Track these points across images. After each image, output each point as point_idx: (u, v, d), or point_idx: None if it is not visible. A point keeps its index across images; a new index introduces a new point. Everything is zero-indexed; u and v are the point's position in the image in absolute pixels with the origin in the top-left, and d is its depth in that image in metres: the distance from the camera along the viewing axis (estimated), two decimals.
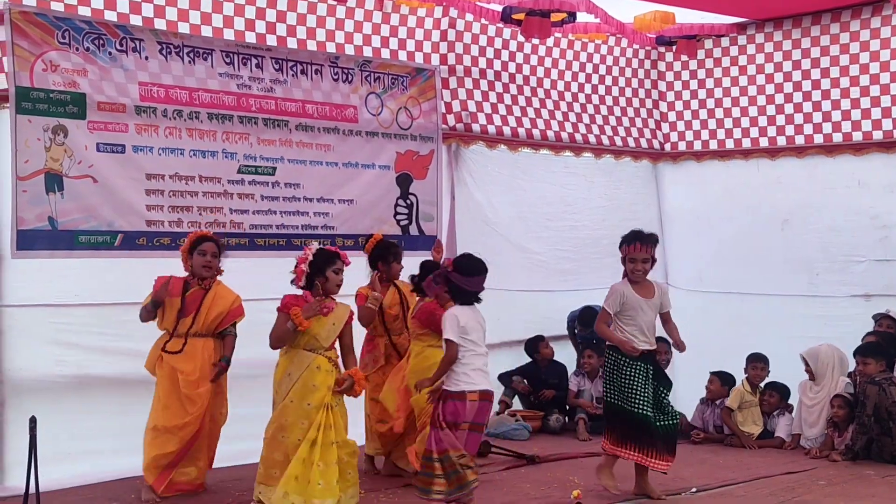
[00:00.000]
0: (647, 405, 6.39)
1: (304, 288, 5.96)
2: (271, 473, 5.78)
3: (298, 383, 5.81)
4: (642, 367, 6.45)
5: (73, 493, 6.54)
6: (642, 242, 6.54)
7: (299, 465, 5.65)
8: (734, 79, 10.07)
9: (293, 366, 5.86)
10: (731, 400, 8.70)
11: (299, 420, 5.76)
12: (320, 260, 5.94)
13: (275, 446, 5.81)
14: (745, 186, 10.04)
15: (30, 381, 6.85)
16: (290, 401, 5.80)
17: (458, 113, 9.06)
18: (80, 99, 6.83)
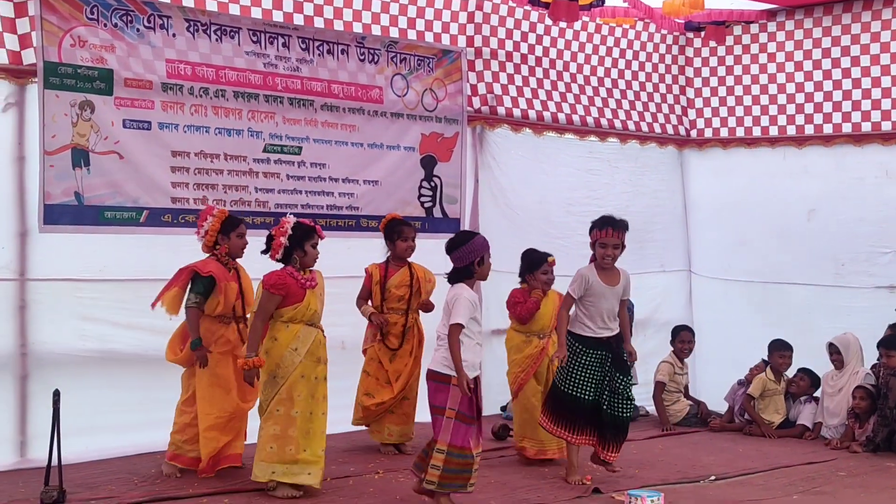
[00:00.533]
0: (595, 392, 6.36)
1: (281, 261, 5.96)
2: (287, 451, 5.84)
3: (306, 358, 5.89)
4: (599, 354, 6.38)
5: (94, 467, 6.60)
6: (614, 228, 6.37)
7: (324, 439, 5.90)
8: (763, 66, 9.98)
9: (299, 341, 5.89)
10: (754, 388, 8.66)
11: (308, 395, 5.88)
12: (299, 233, 5.93)
13: (288, 423, 5.85)
14: (771, 175, 9.97)
15: (53, 354, 6.91)
16: (300, 376, 5.87)
17: (484, 95, 9.04)
18: (107, 75, 6.86)
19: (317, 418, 5.93)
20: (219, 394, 6.31)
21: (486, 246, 5.71)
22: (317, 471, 5.88)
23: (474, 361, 5.55)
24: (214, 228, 6.41)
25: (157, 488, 6.07)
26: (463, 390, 5.41)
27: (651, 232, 10.18)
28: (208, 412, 6.30)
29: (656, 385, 8.99)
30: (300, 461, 5.85)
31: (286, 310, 5.90)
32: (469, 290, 5.62)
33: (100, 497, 5.81)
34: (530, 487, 6.30)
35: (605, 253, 6.38)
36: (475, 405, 5.55)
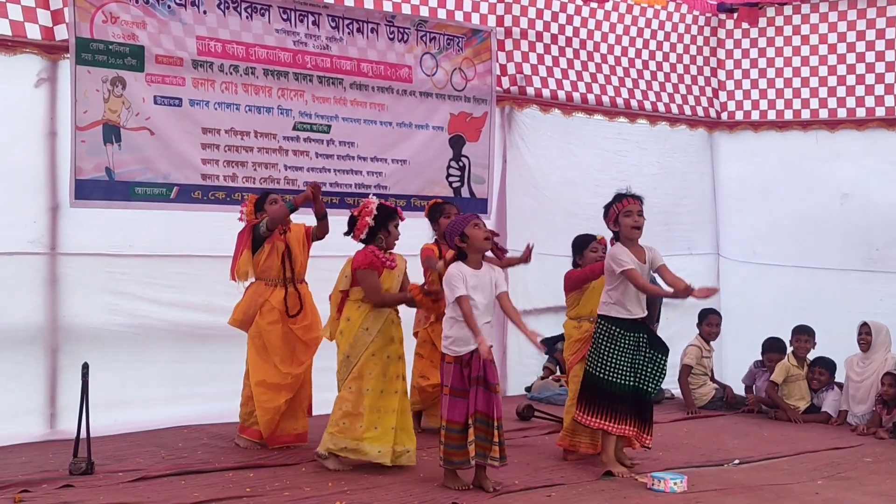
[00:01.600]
0: (634, 377, 6.17)
1: (365, 241, 6.04)
2: (357, 428, 5.91)
3: (378, 337, 5.96)
4: (636, 336, 6.19)
5: (122, 439, 6.68)
6: (633, 197, 6.18)
7: (395, 417, 5.96)
8: (795, 48, 9.89)
9: (370, 321, 5.97)
10: (777, 374, 8.62)
11: (380, 373, 5.95)
12: (383, 215, 6.03)
13: (359, 400, 5.92)
14: (802, 158, 9.89)
15: (83, 327, 6.99)
16: (371, 354, 5.94)
17: (513, 75, 9.01)
18: (138, 51, 6.90)
19: (388, 396, 5.97)
20: (267, 362, 6.48)
21: (463, 221, 5.68)
22: (387, 449, 5.91)
23: (465, 337, 5.56)
24: (250, 211, 6.63)
25: (183, 461, 6.13)
26: (483, 352, 5.48)
27: (679, 214, 10.14)
28: (256, 376, 6.49)
29: (682, 368, 8.97)
30: (369, 439, 5.91)
31: (359, 289, 5.99)
32: (455, 266, 5.64)
33: (127, 469, 5.87)
34: (554, 468, 6.32)
35: (634, 220, 6.12)
36: (466, 379, 5.56)
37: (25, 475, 5.64)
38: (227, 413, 6.98)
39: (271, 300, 6.51)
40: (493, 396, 5.60)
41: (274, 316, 6.50)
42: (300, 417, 6.67)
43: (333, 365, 6.19)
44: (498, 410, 5.60)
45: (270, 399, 6.46)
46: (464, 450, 5.55)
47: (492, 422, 5.56)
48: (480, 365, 5.58)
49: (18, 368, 6.80)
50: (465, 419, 5.55)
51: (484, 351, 5.48)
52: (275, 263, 6.53)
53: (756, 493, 5.83)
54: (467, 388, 5.57)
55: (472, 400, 5.56)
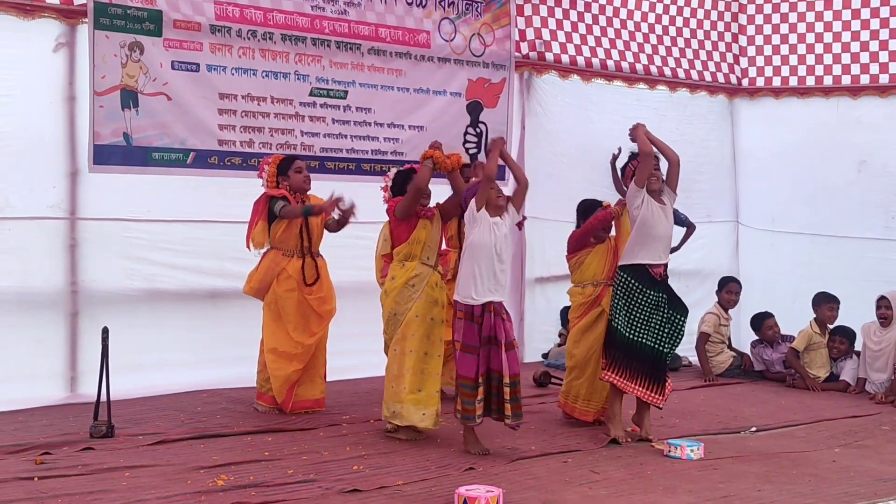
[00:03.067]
0: (652, 336, 6.15)
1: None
2: (402, 390, 5.93)
3: (422, 298, 5.97)
4: (656, 296, 6.17)
5: (141, 403, 6.74)
6: None
7: (438, 381, 6.01)
8: (819, 13, 9.77)
9: (417, 278, 5.98)
10: (799, 342, 8.59)
11: (423, 335, 5.96)
12: (400, 180, 6.13)
13: (403, 362, 5.96)
14: (823, 125, 9.80)
15: (102, 292, 7.03)
16: (415, 315, 5.96)
17: (532, 41, 8.95)
18: (156, 16, 6.88)
19: (432, 359, 5.99)
20: (281, 329, 6.52)
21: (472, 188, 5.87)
22: (431, 412, 5.93)
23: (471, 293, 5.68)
24: (272, 173, 6.61)
25: (202, 426, 6.19)
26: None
27: (698, 182, 10.06)
28: (269, 343, 6.54)
29: (700, 336, 8.95)
30: (414, 401, 5.92)
31: (401, 247, 6.04)
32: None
33: (147, 433, 5.93)
34: (570, 434, 6.34)
35: (649, 165, 6.21)
36: (477, 336, 5.64)
37: (47, 438, 5.71)
38: (246, 377, 7.03)
39: (288, 268, 6.53)
40: (508, 353, 5.66)
41: (291, 284, 6.53)
42: (318, 384, 6.71)
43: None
44: (513, 368, 5.65)
45: (281, 367, 6.50)
46: (473, 406, 5.64)
47: (502, 378, 5.62)
48: (491, 324, 5.66)
49: (39, 332, 6.85)
50: (475, 376, 5.62)
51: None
52: (293, 234, 6.54)
53: (773, 461, 5.84)
54: (478, 345, 5.65)
55: (482, 358, 5.64)
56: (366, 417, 6.53)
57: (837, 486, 5.32)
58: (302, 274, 6.53)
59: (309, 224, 6.59)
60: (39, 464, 5.19)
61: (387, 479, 5.10)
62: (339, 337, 6.85)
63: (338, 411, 6.71)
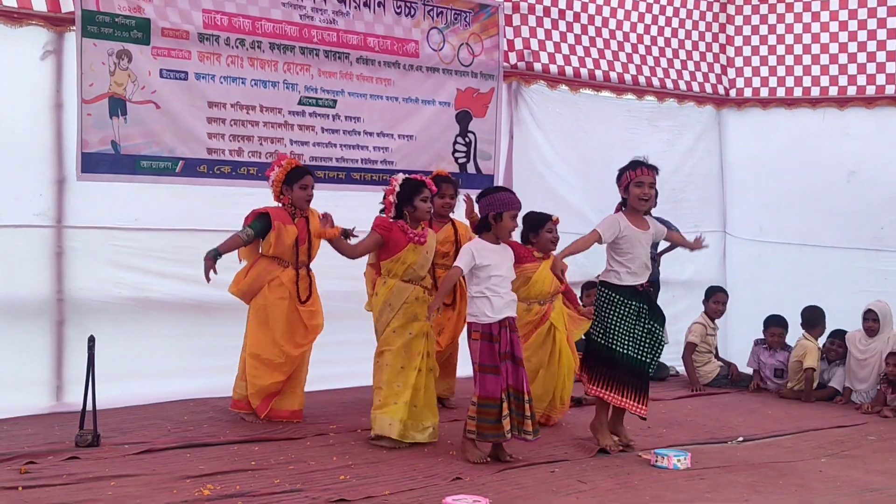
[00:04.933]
0: (634, 347, 6.14)
1: (395, 218, 6.09)
2: (377, 401, 6.03)
3: (400, 313, 6.02)
4: (637, 306, 6.16)
5: (127, 412, 6.71)
6: (647, 167, 6.13)
7: (414, 393, 6.00)
8: (806, 25, 9.82)
9: (393, 297, 6.04)
10: (812, 360, 8.43)
11: (401, 348, 6.00)
12: (407, 189, 6.07)
13: (381, 374, 6.05)
14: (811, 136, 9.84)
15: (89, 300, 6.99)
16: (392, 330, 6.01)
17: (521, 51, 8.96)
18: (144, 24, 6.88)
19: (409, 372, 6.00)
20: (265, 336, 6.48)
21: (509, 204, 5.81)
22: (396, 422, 5.95)
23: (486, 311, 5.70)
24: (279, 179, 6.52)
25: (189, 434, 6.16)
26: (428, 314, 5.85)
27: (686, 192, 10.11)
28: (252, 348, 6.50)
29: (687, 345, 8.98)
30: (386, 411, 5.98)
31: (385, 263, 6.07)
32: (479, 241, 5.85)
33: (133, 442, 5.90)
34: (557, 443, 6.34)
35: (643, 192, 6.09)
36: (497, 355, 5.67)
37: (31, 447, 5.67)
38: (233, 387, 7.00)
39: (282, 277, 6.49)
40: (521, 370, 5.75)
41: (283, 293, 6.49)
42: (298, 395, 6.67)
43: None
44: (526, 384, 5.75)
45: (261, 376, 6.46)
46: (499, 424, 5.65)
47: (522, 395, 5.69)
48: (508, 339, 5.71)
49: (25, 340, 6.82)
50: (500, 395, 5.65)
51: (430, 314, 5.83)
52: (287, 247, 6.49)
53: (759, 471, 5.85)
54: (498, 364, 5.67)
55: (504, 375, 5.67)
56: (353, 427, 6.51)
57: (824, 496, 5.34)
58: (296, 287, 6.50)
59: (311, 238, 6.53)
60: (24, 473, 5.16)
61: (374, 489, 5.09)
62: (326, 346, 6.83)
63: (325, 420, 6.69)
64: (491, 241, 5.83)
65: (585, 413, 7.05)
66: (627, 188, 6.17)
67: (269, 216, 6.42)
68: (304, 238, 6.54)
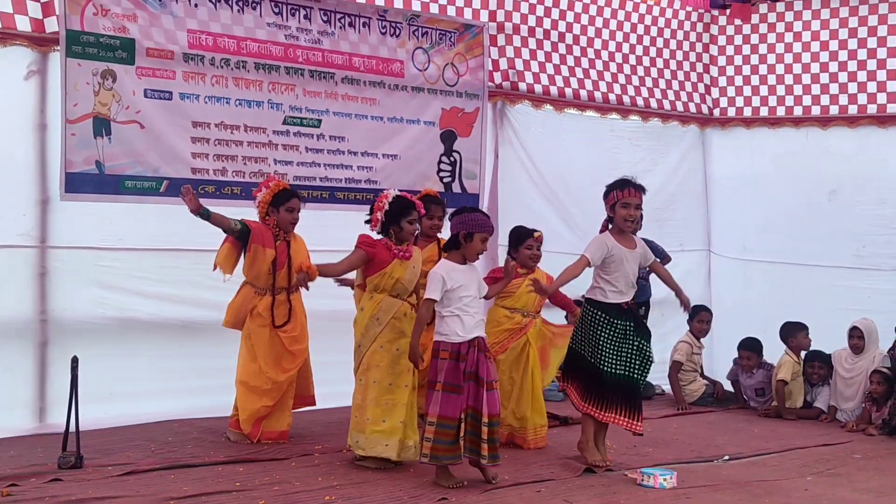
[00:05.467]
0: (623, 365, 6.13)
1: (382, 233, 6.07)
2: (364, 420, 5.95)
3: (387, 329, 5.96)
4: (624, 325, 6.16)
5: (112, 433, 6.66)
6: (635, 188, 6.14)
7: (406, 410, 5.94)
8: (788, 45, 9.89)
9: (381, 311, 5.98)
10: (785, 373, 8.53)
11: (388, 365, 5.94)
12: (395, 209, 6.02)
13: (367, 392, 5.96)
14: (794, 155, 9.90)
15: (73, 321, 6.96)
16: (379, 346, 5.96)
17: (505, 71, 9.00)
18: (129, 44, 6.87)
19: (398, 389, 5.95)
20: (252, 363, 6.50)
21: (482, 226, 5.73)
22: (394, 442, 5.90)
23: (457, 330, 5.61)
24: (266, 200, 6.54)
25: (173, 456, 6.12)
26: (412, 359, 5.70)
27: (671, 211, 10.15)
28: (240, 375, 6.53)
29: (672, 364, 8.98)
30: (377, 432, 5.91)
31: (371, 278, 6.02)
32: (446, 263, 5.73)
33: (116, 463, 5.85)
34: (543, 463, 6.32)
35: (628, 213, 6.11)
36: (461, 374, 5.56)
37: (14, 469, 5.62)
38: (217, 407, 6.99)
39: (259, 306, 6.51)
40: (488, 393, 5.58)
41: (262, 321, 6.51)
42: (286, 416, 6.67)
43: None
44: (492, 408, 5.57)
45: (250, 401, 6.49)
46: (455, 445, 5.55)
47: (480, 417, 5.54)
48: (475, 359, 5.59)
49: (7, 361, 6.77)
50: (458, 415, 5.55)
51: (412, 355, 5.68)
52: (263, 271, 6.49)
53: (745, 490, 5.84)
54: (461, 383, 5.56)
55: (465, 395, 5.56)
56: (338, 447, 6.47)
57: None
58: (271, 314, 6.51)
59: (291, 262, 6.51)
60: (6, 496, 5.12)
61: None
62: (313, 366, 6.81)
63: (310, 441, 6.67)
64: (458, 260, 5.72)
65: (572, 432, 7.05)
66: (614, 207, 6.18)
67: (249, 230, 6.43)
68: (284, 262, 6.52)
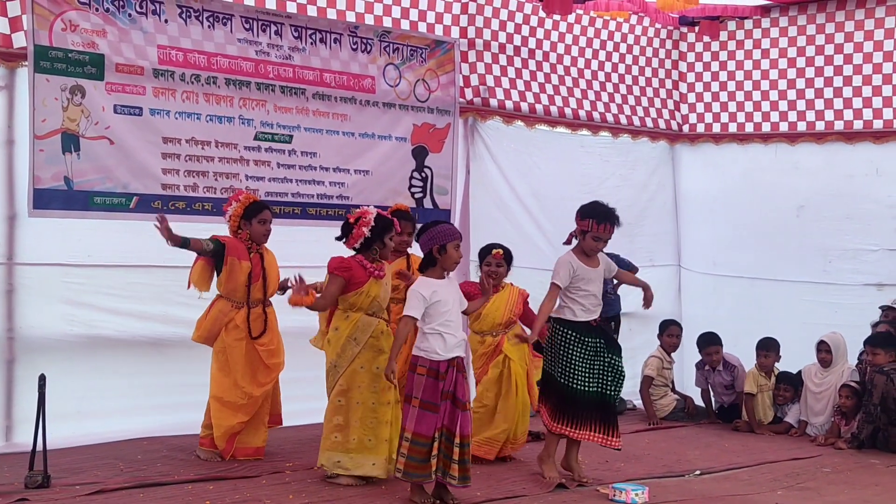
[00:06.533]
0: (596, 381, 6.18)
1: (358, 251, 5.99)
2: (351, 441, 5.90)
3: (366, 348, 5.93)
4: (594, 342, 6.22)
5: (80, 452, 6.59)
6: (611, 224, 6.22)
7: (389, 428, 5.91)
8: (756, 62, 10.00)
9: (358, 331, 5.94)
10: (750, 385, 8.63)
11: (370, 384, 5.91)
12: (380, 226, 5.99)
13: (351, 412, 5.92)
14: (762, 171, 10.00)
15: (40, 339, 6.89)
16: (359, 366, 5.92)
17: (476, 87, 9.02)
18: (98, 60, 6.83)
19: (381, 407, 5.92)
20: (227, 378, 6.45)
21: (450, 235, 5.68)
22: (381, 461, 5.88)
23: (437, 349, 5.56)
24: (237, 213, 6.52)
25: (142, 474, 6.06)
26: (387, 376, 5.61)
27: (641, 226, 10.19)
28: (214, 391, 6.47)
29: (644, 379, 9.02)
30: (363, 451, 5.89)
31: (346, 297, 5.96)
32: (425, 280, 5.65)
33: (85, 482, 5.79)
34: (516, 479, 6.32)
35: (598, 246, 6.25)
36: (439, 393, 5.52)
37: None
38: (187, 425, 6.92)
39: (236, 319, 6.48)
40: (462, 414, 5.55)
41: (239, 334, 6.48)
42: (261, 432, 6.64)
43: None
44: (465, 428, 5.55)
45: (225, 417, 6.44)
46: (427, 463, 5.49)
47: (453, 438, 5.51)
48: (453, 379, 5.56)
49: None
50: (433, 433, 5.50)
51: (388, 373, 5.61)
52: (240, 284, 6.47)
53: None
54: (438, 402, 5.51)
55: (441, 414, 5.51)
56: (309, 464, 6.43)
57: None
58: (248, 326, 6.47)
59: (266, 274, 6.52)
60: None
61: None
62: (283, 382, 6.78)
63: (281, 458, 6.63)
64: (437, 276, 5.68)
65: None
66: (585, 233, 6.25)
67: (224, 246, 6.40)
68: (259, 274, 6.51)
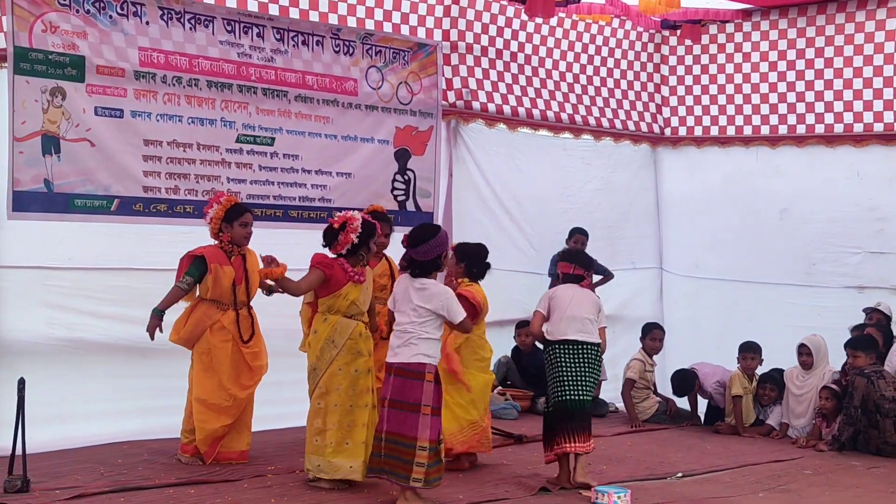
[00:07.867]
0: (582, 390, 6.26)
1: (346, 255, 5.96)
2: (328, 444, 5.88)
3: (344, 351, 5.92)
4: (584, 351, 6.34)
5: (60, 456, 6.54)
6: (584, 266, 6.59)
7: (366, 430, 5.89)
8: (737, 65, 10.04)
9: (336, 333, 5.93)
10: (737, 387, 8.65)
11: (348, 387, 5.90)
12: (366, 231, 5.98)
13: (328, 415, 5.91)
14: (744, 174, 10.05)
15: (21, 342, 6.83)
16: (338, 369, 5.90)
17: (459, 90, 9.03)
18: (79, 62, 6.79)
19: (358, 410, 5.92)
20: (211, 380, 6.40)
21: (448, 240, 5.92)
22: (358, 464, 5.86)
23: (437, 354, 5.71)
24: (218, 216, 6.47)
25: (122, 478, 6.02)
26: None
27: (623, 229, 10.23)
28: (198, 393, 6.41)
29: (626, 382, 9.03)
30: (340, 454, 5.87)
31: (325, 299, 5.96)
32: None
33: (65, 486, 5.74)
34: (498, 482, 6.31)
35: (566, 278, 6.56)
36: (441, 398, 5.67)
37: None
38: (168, 428, 6.88)
39: (223, 320, 6.43)
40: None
41: (226, 335, 6.44)
42: (244, 436, 6.61)
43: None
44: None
45: (208, 420, 6.39)
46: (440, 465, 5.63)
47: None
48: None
49: None
50: (438, 436, 5.62)
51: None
52: (226, 288, 6.43)
53: None
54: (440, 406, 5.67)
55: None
56: (291, 468, 6.41)
57: None
58: (237, 328, 6.45)
59: (249, 277, 6.49)
60: None
61: None
62: (265, 385, 6.74)
63: (263, 462, 6.60)
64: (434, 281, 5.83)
65: (526, 451, 7.07)
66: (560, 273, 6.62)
67: (204, 259, 6.36)
68: (242, 277, 6.49)
